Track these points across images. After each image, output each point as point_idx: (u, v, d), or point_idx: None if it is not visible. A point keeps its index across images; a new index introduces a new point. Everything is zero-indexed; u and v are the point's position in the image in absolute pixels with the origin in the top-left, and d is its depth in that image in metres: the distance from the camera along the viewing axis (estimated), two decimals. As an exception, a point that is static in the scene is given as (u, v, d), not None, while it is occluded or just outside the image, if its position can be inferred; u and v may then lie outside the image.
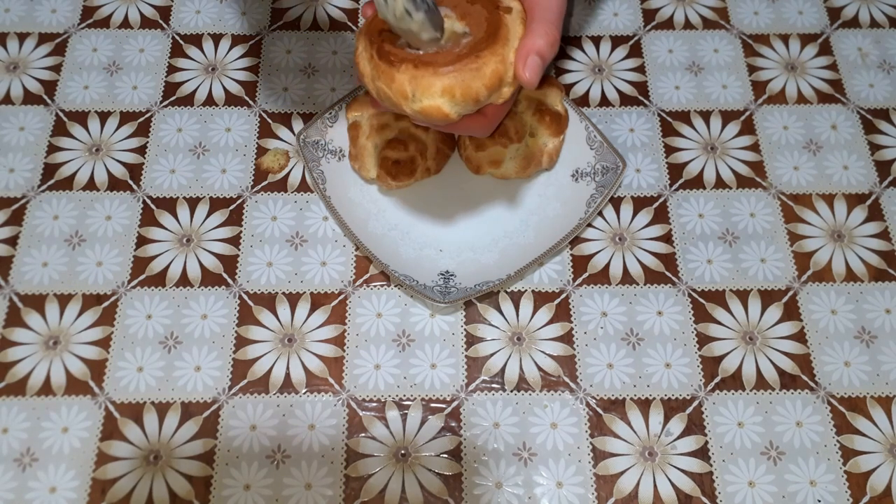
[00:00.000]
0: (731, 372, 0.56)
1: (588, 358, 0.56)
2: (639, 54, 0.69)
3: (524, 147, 0.59)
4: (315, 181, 0.60)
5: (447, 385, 0.55)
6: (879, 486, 0.52)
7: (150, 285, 0.58)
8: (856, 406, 0.55)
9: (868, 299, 0.58)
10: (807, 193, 0.63)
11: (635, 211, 0.62)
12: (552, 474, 0.52)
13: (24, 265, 0.59)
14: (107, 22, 0.70)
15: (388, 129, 0.60)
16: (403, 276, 0.56)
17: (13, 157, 0.63)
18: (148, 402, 0.54)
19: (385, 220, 0.60)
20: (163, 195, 0.62)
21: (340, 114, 0.62)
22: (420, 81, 0.44)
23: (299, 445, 0.53)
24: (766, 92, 0.67)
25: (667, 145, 0.65)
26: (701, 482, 0.52)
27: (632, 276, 0.59)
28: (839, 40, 0.70)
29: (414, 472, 0.53)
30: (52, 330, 0.57)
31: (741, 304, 0.58)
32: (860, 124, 0.66)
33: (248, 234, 0.61)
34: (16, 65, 0.68)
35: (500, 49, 0.45)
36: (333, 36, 0.70)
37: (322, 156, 0.61)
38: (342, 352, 0.56)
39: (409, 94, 0.44)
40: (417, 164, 0.59)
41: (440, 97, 0.44)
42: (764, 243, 0.61)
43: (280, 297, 0.58)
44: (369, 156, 0.60)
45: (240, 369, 0.56)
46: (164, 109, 0.66)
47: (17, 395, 0.54)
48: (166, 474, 0.52)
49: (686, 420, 0.54)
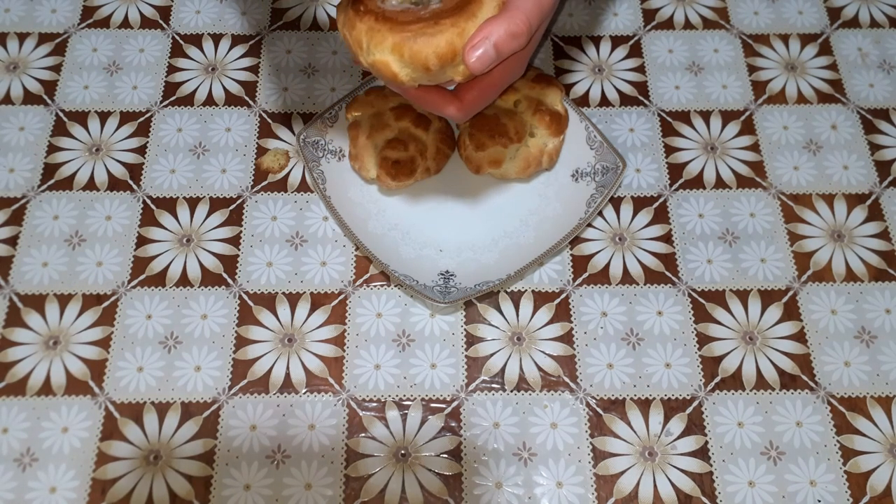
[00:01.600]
0: (731, 372, 0.56)
1: (588, 358, 0.56)
2: (639, 54, 0.69)
3: (524, 147, 0.59)
4: (315, 181, 0.60)
5: (447, 385, 0.55)
6: (879, 486, 0.52)
7: (150, 285, 0.58)
8: (856, 406, 0.55)
9: (868, 299, 0.58)
10: (807, 193, 0.63)
11: (635, 211, 0.62)
12: (552, 474, 0.52)
13: (23, 265, 0.59)
14: (107, 22, 0.70)
15: (388, 129, 0.60)
16: (403, 276, 0.56)
17: (13, 157, 0.63)
18: (148, 402, 0.54)
19: (385, 219, 0.60)
20: (163, 195, 0.62)
21: (340, 113, 0.62)
22: (375, 34, 0.43)
23: (299, 445, 0.53)
24: (766, 92, 0.67)
25: (667, 145, 0.65)
26: (701, 482, 0.52)
27: (632, 276, 0.59)
28: (839, 40, 0.70)
29: (414, 472, 0.53)
30: (52, 330, 0.57)
31: (741, 304, 0.58)
32: (860, 124, 0.66)
33: (248, 234, 0.61)
34: (16, 65, 0.68)
35: (462, 22, 0.43)
36: (333, 36, 0.70)
37: (322, 156, 0.61)
38: (342, 352, 0.56)
39: (364, 45, 0.44)
40: (417, 164, 0.59)
41: (390, 54, 0.43)
42: (764, 243, 0.61)
43: (280, 297, 0.58)
44: (369, 156, 0.60)
45: (240, 369, 0.56)
46: (164, 109, 0.66)
47: (17, 395, 0.54)
48: (166, 474, 0.52)
49: (686, 420, 0.54)
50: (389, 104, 0.60)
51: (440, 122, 0.61)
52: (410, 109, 0.60)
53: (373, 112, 0.60)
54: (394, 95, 0.61)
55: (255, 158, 0.64)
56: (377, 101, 0.61)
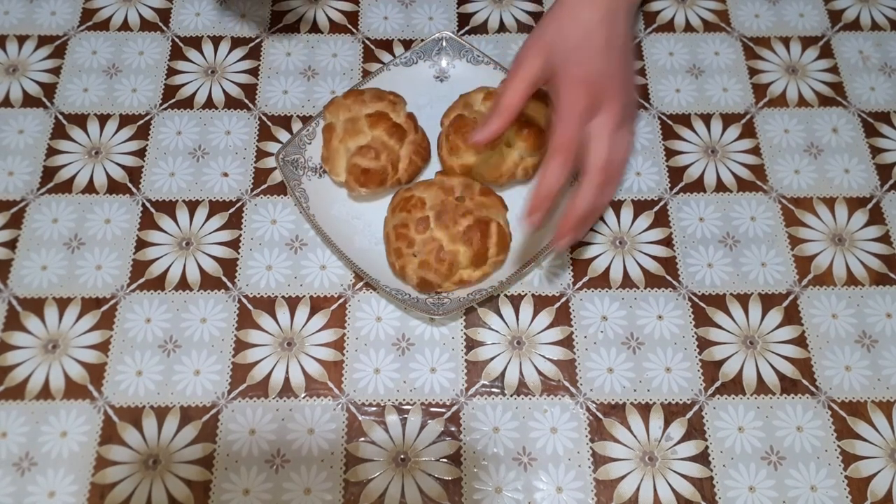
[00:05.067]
0: (732, 376, 0.56)
1: (588, 362, 0.56)
2: (639, 57, 0.69)
3: (497, 156, 0.59)
4: (298, 200, 0.59)
5: (447, 389, 0.55)
6: (880, 492, 0.52)
7: (149, 289, 0.58)
8: (856, 411, 0.55)
9: (869, 303, 0.58)
10: (807, 197, 0.63)
11: (636, 214, 0.62)
12: (552, 479, 0.52)
13: (23, 268, 0.59)
14: (106, 24, 0.70)
15: (361, 134, 0.59)
16: (395, 291, 0.56)
17: (12, 160, 0.63)
18: (147, 407, 0.54)
19: (371, 233, 0.60)
20: (162, 198, 0.62)
21: (318, 130, 0.62)
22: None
23: (298, 450, 0.53)
24: (766, 95, 0.67)
25: (667, 148, 0.65)
26: (701, 487, 0.52)
27: (632, 280, 0.59)
28: (840, 43, 0.70)
29: (413, 476, 0.52)
30: (51, 334, 0.57)
31: (742, 309, 0.58)
32: (861, 127, 0.66)
33: (247, 237, 0.60)
34: (15, 67, 0.67)
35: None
36: (333, 38, 0.70)
37: (302, 174, 0.61)
38: (342, 356, 0.56)
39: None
40: (388, 175, 0.59)
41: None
42: (764, 247, 0.60)
43: (279, 300, 0.58)
44: (340, 159, 0.59)
45: (239, 373, 0.55)
46: (164, 112, 0.66)
47: (16, 399, 0.54)
48: (165, 479, 0.52)
49: (686, 425, 0.54)
50: (366, 110, 0.60)
51: (416, 134, 0.61)
52: (386, 117, 0.59)
53: (349, 116, 0.60)
54: (371, 101, 0.60)
55: (255, 162, 0.64)
56: (354, 105, 0.60)
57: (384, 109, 0.60)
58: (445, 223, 0.55)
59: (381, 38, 0.70)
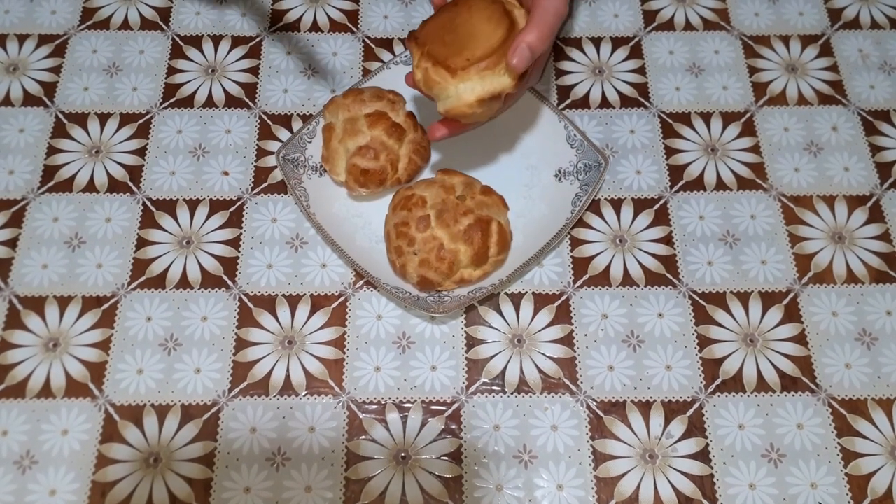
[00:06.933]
0: (732, 374, 0.56)
1: (588, 360, 0.56)
2: (639, 55, 0.69)
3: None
4: (298, 199, 0.59)
5: (447, 387, 0.55)
6: (880, 489, 0.52)
7: (149, 287, 0.58)
8: (857, 408, 0.55)
9: (869, 301, 0.58)
10: (807, 195, 0.63)
11: (636, 213, 0.62)
12: (553, 477, 0.52)
13: (23, 267, 0.59)
14: (106, 23, 0.70)
15: (360, 135, 0.59)
16: (395, 289, 0.56)
17: (13, 159, 0.63)
18: (148, 405, 0.54)
19: (371, 231, 0.60)
20: (163, 197, 0.62)
21: (318, 128, 0.62)
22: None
23: (299, 448, 0.53)
24: (766, 93, 0.67)
25: (667, 147, 0.65)
26: (702, 485, 0.52)
27: (632, 278, 0.59)
28: (840, 41, 0.70)
29: (414, 474, 0.52)
30: (51, 332, 0.57)
31: (742, 306, 0.58)
32: (861, 126, 0.66)
33: (248, 235, 0.61)
34: (15, 66, 0.68)
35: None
36: (334, 37, 0.70)
37: (303, 172, 0.61)
38: (342, 354, 0.56)
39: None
40: (387, 175, 0.59)
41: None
42: (765, 245, 0.60)
43: (280, 299, 0.58)
44: (340, 159, 0.59)
45: (240, 371, 0.55)
46: (164, 111, 0.66)
47: (17, 397, 0.54)
48: (166, 477, 0.52)
49: (687, 422, 0.54)
50: (365, 109, 0.60)
51: (416, 133, 0.61)
52: (385, 117, 0.59)
53: (348, 116, 0.60)
54: (370, 100, 0.60)
55: (255, 160, 0.64)
56: (354, 104, 0.60)
57: (383, 108, 0.60)
58: (446, 222, 0.56)
59: (381, 37, 0.70)
